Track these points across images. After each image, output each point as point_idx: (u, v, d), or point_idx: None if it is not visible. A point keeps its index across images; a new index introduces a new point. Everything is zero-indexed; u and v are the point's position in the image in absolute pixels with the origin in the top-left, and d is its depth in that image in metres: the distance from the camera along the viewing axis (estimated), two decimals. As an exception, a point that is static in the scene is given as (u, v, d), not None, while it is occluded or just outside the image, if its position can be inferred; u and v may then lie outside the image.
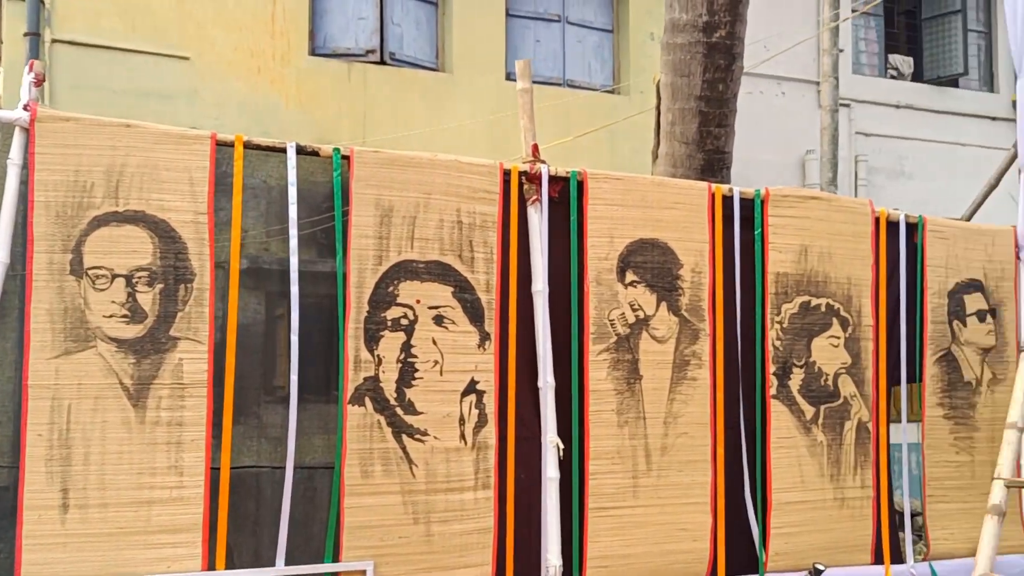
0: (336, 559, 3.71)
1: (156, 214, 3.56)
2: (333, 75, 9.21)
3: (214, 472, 3.57)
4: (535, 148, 4.22)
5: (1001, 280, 5.33)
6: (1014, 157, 5.83)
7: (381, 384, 3.82)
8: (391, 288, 3.86)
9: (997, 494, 3.85)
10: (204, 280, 3.59)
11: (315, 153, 3.84)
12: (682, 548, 4.34)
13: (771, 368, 4.62)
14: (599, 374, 4.22)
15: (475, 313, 4.02)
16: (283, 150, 3.81)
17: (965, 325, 5.21)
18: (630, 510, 4.24)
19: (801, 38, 9.47)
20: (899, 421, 5.08)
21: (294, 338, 3.72)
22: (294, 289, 3.75)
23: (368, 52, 9.37)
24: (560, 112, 9.37)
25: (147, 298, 3.52)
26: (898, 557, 4.92)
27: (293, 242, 3.77)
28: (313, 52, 9.26)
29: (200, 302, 3.58)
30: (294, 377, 3.70)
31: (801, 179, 10.85)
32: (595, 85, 10.31)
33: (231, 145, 3.72)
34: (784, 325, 4.67)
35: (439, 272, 3.96)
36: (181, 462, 3.51)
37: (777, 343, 4.65)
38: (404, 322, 3.88)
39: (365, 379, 3.80)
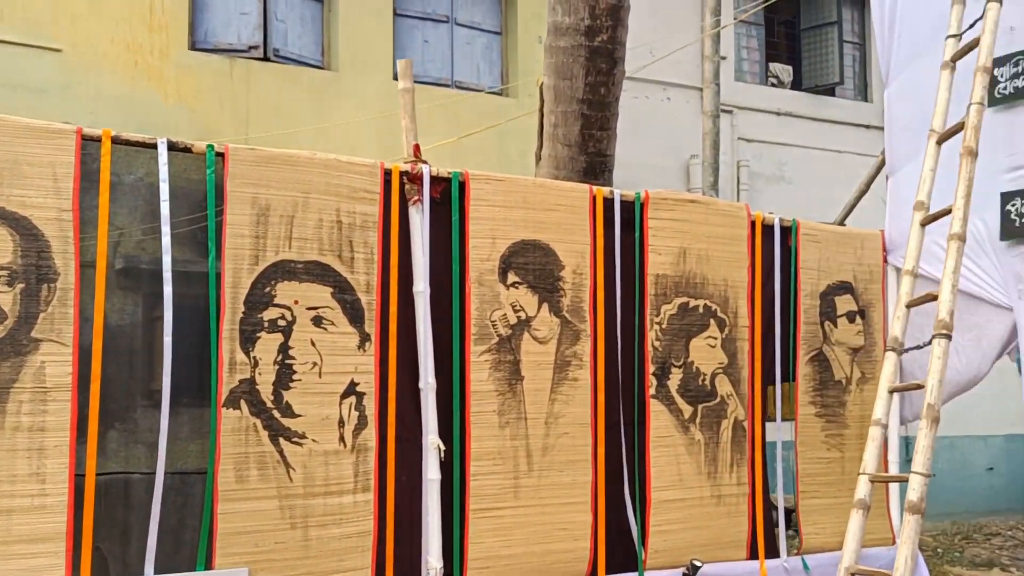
0: (209, 566, 3.61)
1: (17, 211, 3.41)
2: (214, 71, 8.98)
3: (79, 479, 3.44)
4: (417, 148, 4.19)
5: (870, 282, 5.54)
6: (883, 163, 6.05)
7: (257, 386, 3.74)
8: (268, 288, 3.79)
9: (862, 489, 3.98)
10: (68, 280, 3.45)
11: (188, 150, 3.73)
12: (563, 547, 4.37)
13: (650, 368, 4.70)
14: (480, 375, 4.22)
15: (355, 314, 3.97)
16: (154, 146, 3.70)
17: (836, 326, 5.40)
18: (511, 510, 4.25)
19: (686, 45, 9.66)
20: (774, 419, 5.22)
21: (167, 339, 3.62)
22: (167, 289, 3.64)
23: (251, 48, 9.17)
24: (449, 113, 9.35)
25: (7, 298, 3.37)
26: (773, 552, 5.06)
27: (165, 240, 3.66)
28: (193, 47, 9.00)
29: (64, 303, 3.44)
30: (166, 380, 3.60)
31: (685, 183, 11.06)
32: (484, 87, 10.33)
33: (99, 140, 3.59)
34: (663, 326, 4.75)
35: (318, 272, 3.90)
36: (43, 469, 3.37)
37: (656, 344, 4.73)
38: (281, 323, 3.80)
39: (240, 381, 3.72)
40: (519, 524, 4.27)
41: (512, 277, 4.34)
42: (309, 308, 3.86)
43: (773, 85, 12.59)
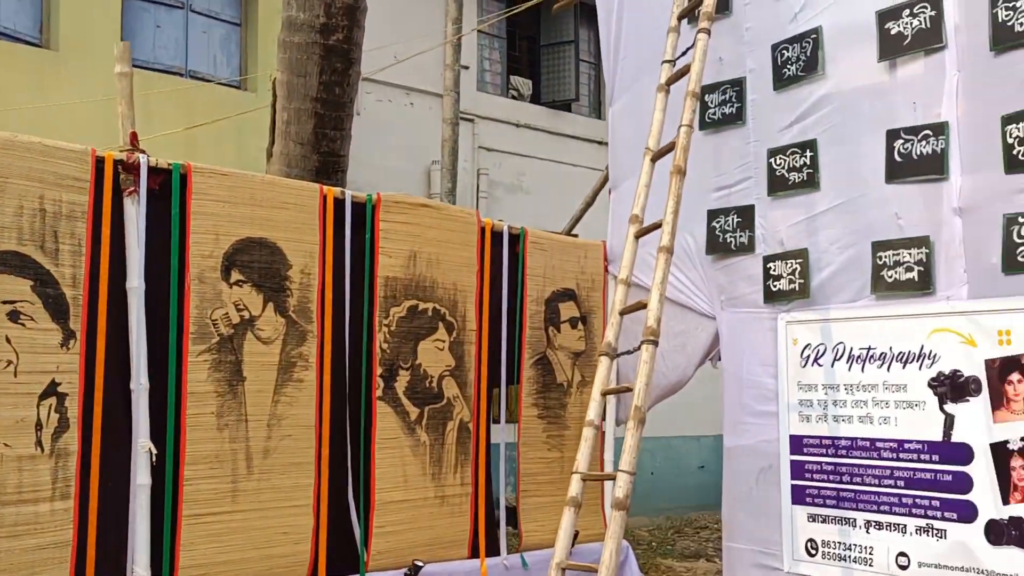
0: None
1: None
2: (-88, 41, 8.15)
3: None
4: (134, 136, 3.98)
5: (591, 290, 5.81)
6: (607, 178, 6.36)
7: (-61, 387, 3.41)
8: (-45, 280, 3.47)
9: (574, 487, 4.15)
10: None
11: None
12: (282, 552, 4.28)
13: (378, 370, 4.70)
14: (199, 376, 4.06)
15: (58, 309, 3.70)
16: None
17: (559, 331, 5.63)
18: (228, 516, 4.12)
19: (426, 51, 9.77)
20: (498, 421, 5.37)
21: None
22: None
23: (-43, 19, 8.40)
24: (183, 103, 8.95)
25: None
26: (494, 550, 5.20)
27: None
28: None
29: None
30: None
31: (427, 188, 11.18)
32: (221, 78, 9.97)
33: None
34: (392, 328, 4.77)
35: (16, 264, 3.60)
36: None
37: (385, 346, 4.74)
38: (-30, 318, 3.49)
39: (-81, 381, 3.38)
40: (236, 529, 4.14)
41: (236, 275, 4.21)
42: (5, 302, 3.56)
43: (514, 97, 12.97)
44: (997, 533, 4.15)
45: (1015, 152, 4.10)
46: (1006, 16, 4.14)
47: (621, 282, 4.54)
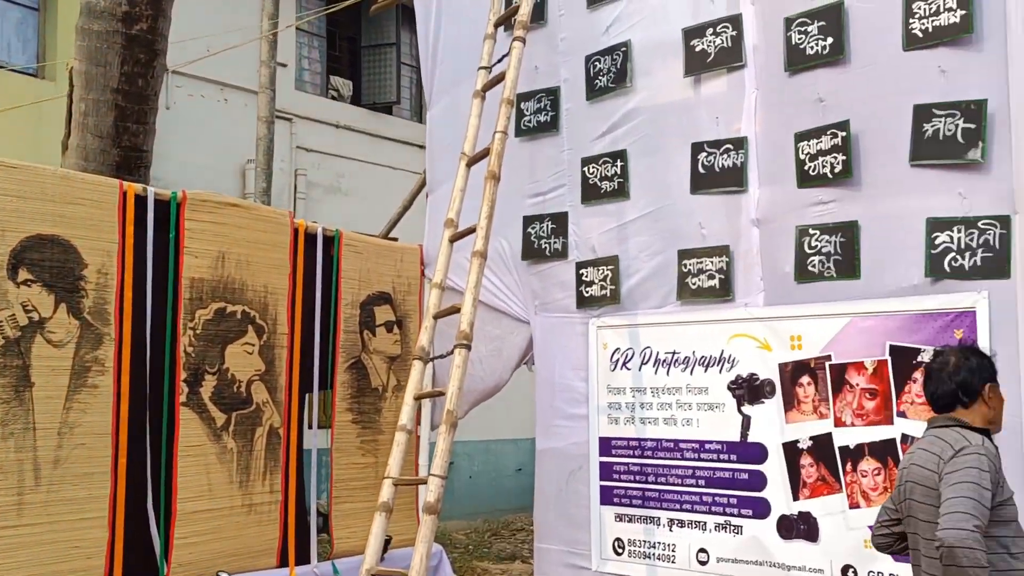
0: None
1: None
2: None
3: None
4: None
5: (408, 294, 5.78)
6: (424, 182, 6.35)
7: None
8: None
9: (385, 492, 4.12)
10: None
11: None
12: (74, 567, 4.05)
13: (182, 375, 4.52)
14: (-20, 382, 3.79)
15: None
16: None
17: (374, 335, 5.57)
18: (13, 530, 3.87)
19: (242, 46, 9.49)
20: (311, 427, 5.26)
21: None
22: None
23: None
24: (-28, 90, 8.36)
25: None
26: (304, 558, 5.08)
27: None
28: None
29: None
30: None
31: (241, 187, 10.86)
32: (16, 65, 9.35)
33: None
34: (198, 331, 4.60)
35: None
36: None
37: (190, 349, 4.56)
38: None
39: None
40: (22, 544, 3.88)
41: (24, 274, 3.95)
42: None
43: (333, 98, 12.78)
44: (787, 528, 4.38)
45: (807, 168, 4.35)
46: (799, 39, 4.38)
47: (435, 286, 4.54)
